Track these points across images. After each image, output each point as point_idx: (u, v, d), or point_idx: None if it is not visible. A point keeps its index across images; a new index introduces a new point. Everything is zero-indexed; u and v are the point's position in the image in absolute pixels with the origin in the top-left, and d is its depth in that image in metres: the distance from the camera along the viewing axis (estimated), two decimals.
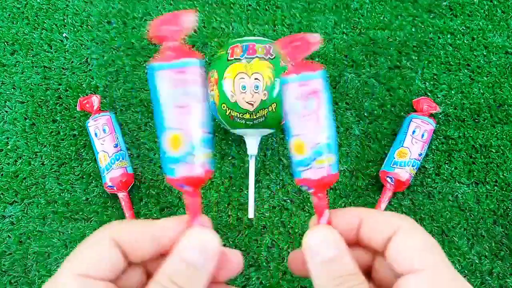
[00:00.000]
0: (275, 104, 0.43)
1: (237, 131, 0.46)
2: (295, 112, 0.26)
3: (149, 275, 0.26)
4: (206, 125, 0.25)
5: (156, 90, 0.24)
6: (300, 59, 0.26)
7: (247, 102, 0.42)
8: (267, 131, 0.46)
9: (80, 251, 0.24)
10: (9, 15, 0.56)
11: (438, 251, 0.24)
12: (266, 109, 0.43)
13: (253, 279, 0.47)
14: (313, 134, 0.26)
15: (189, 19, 0.24)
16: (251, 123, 0.44)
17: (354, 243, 0.27)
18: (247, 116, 0.43)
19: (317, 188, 0.27)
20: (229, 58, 0.43)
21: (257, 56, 0.43)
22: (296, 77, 0.25)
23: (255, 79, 0.42)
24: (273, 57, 0.43)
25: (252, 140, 0.47)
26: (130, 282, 0.25)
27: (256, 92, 0.42)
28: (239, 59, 0.43)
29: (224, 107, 0.43)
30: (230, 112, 0.43)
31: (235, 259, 0.26)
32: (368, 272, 0.27)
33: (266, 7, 0.56)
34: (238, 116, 0.43)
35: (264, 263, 0.48)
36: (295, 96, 0.26)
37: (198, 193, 0.26)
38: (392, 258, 0.24)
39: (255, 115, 0.43)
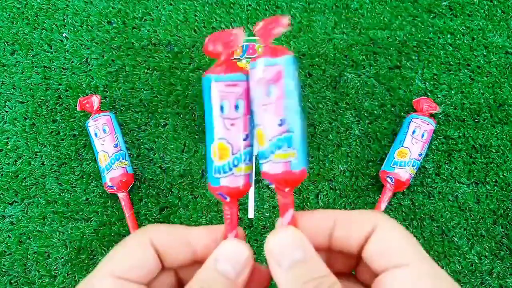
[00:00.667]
0: None
1: None
2: (256, 99, 0.24)
3: (179, 281, 0.27)
4: (249, 138, 0.26)
5: (210, 100, 0.24)
6: (269, 41, 0.23)
7: None
8: None
9: (117, 252, 0.24)
10: (9, 15, 0.56)
11: (418, 246, 0.23)
12: None
13: None
14: (271, 126, 0.24)
15: (239, 36, 0.25)
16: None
17: (327, 248, 0.26)
18: None
19: (277, 183, 0.25)
20: None
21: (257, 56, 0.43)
22: (259, 61, 0.23)
23: None
24: None
25: (252, 140, 0.47)
26: (162, 286, 0.25)
27: None
28: (239, 59, 0.43)
29: None
30: None
31: (264, 276, 0.26)
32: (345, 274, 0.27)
33: (266, 7, 0.56)
34: None
35: (264, 263, 0.48)
36: (256, 82, 0.24)
37: (237, 204, 0.26)
38: (372, 254, 0.23)
39: None
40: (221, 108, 0.24)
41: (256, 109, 0.24)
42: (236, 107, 0.25)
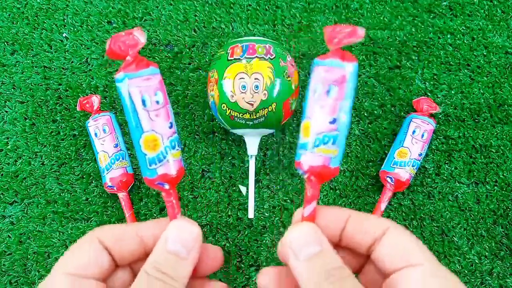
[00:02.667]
0: (275, 104, 0.43)
1: (237, 131, 0.46)
2: (314, 95, 0.26)
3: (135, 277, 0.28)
4: (174, 126, 0.28)
5: (129, 97, 0.26)
6: (339, 46, 0.25)
7: (247, 102, 0.42)
8: (267, 131, 0.46)
9: (69, 252, 0.25)
10: (9, 15, 0.56)
11: (427, 249, 0.24)
12: (266, 109, 0.43)
13: (253, 279, 0.47)
14: (323, 121, 0.25)
15: (140, 35, 0.26)
16: (251, 123, 0.44)
17: (336, 245, 0.26)
18: (247, 116, 0.43)
19: (312, 175, 0.26)
20: (229, 58, 0.44)
21: (257, 56, 0.43)
22: (326, 61, 0.25)
23: (255, 79, 0.42)
24: (273, 57, 0.43)
25: (252, 140, 0.47)
26: (119, 282, 0.27)
27: (256, 92, 0.42)
28: (239, 59, 0.43)
29: (224, 107, 0.43)
30: (230, 112, 0.43)
31: (214, 254, 0.28)
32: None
33: (266, 7, 0.56)
34: (238, 116, 0.43)
35: (264, 263, 0.48)
36: (319, 79, 0.25)
37: (175, 190, 0.28)
38: (384, 255, 0.24)
39: (255, 115, 0.43)
40: (143, 101, 0.26)
41: (310, 103, 0.26)
42: (155, 98, 0.27)
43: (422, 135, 0.48)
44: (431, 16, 0.55)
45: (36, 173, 0.50)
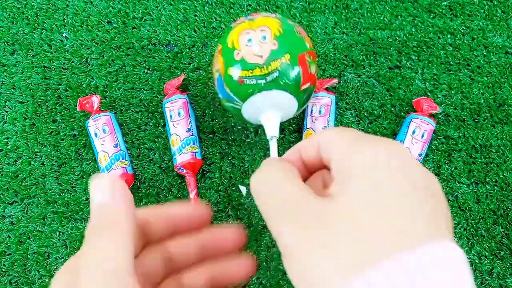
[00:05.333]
0: (288, 55, 0.37)
1: (250, 106, 0.39)
2: (311, 114, 0.46)
3: (171, 258, 0.29)
4: (191, 130, 0.47)
5: (164, 114, 0.48)
6: (323, 87, 0.48)
7: (255, 55, 0.37)
8: (284, 96, 0.38)
9: None
10: (9, 15, 0.56)
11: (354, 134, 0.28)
12: (279, 60, 0.37)
13: (253, 279, 0.47)
14: (319, 127, 0.45)
15: (180, 81, 0.49)
16: (264, 81, 0.37)
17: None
18: (257, 72, 0.37)
19: None
20: (232, 26, 0.41)
21: (262, 15, 0.40)
22: (318, 94, 0.47)
23: (261, 30, 0.38)
24: (279, 16, 0.40)
25: (271, 120, 0.40)
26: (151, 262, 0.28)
27: (263, 43, 0.37)
28: (242, 22, 0.40)
29: (230, 71, 0.38)
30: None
31: (202, 211, 0.30)
32: None
33: (266, 7, 0.56)
34: (247, 75, 0.37)
35: (264, 263, 0.48)
36: (314, 104, 0.47)
37: (192, 174, 0.47)
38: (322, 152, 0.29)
39: (266, 69, 0.37)
40: (170, 116, 0.47)
41: (309, 119, 0.47)
42: (179, 113, 0.47)
43: (422, 135, 0.48)
44: (431, 16, 0.55)
45: (36, 173, 0.50)
